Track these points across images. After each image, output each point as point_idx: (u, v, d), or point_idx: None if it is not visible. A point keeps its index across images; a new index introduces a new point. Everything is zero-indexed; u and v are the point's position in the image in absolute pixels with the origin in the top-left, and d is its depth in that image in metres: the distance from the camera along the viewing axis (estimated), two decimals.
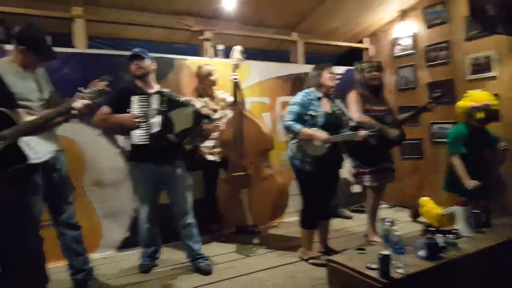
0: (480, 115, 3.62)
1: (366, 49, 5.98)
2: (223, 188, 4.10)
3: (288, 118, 3.31)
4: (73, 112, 2.18)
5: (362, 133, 3.26)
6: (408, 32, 5.37)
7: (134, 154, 3.23)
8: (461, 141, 3.72)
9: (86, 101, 2.24)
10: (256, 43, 5.39)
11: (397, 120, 3.82)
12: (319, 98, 3.37)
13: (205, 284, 3.10)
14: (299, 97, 3.38)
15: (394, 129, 3.71)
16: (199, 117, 3.19)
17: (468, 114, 3.70)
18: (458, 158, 3.71)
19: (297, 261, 3.50)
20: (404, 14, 5.40)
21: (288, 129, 3.34)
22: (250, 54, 4.72)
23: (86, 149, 3.78)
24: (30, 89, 2.70)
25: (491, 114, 3.66)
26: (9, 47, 2.83)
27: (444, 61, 4.93)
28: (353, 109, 3.71)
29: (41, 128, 2.05)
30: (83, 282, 2.96)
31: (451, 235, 2.85)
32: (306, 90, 3.44)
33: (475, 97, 3.70)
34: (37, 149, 2.59)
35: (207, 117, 3.27)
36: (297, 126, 3.26)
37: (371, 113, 3.72)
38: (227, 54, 4.20)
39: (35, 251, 2.73)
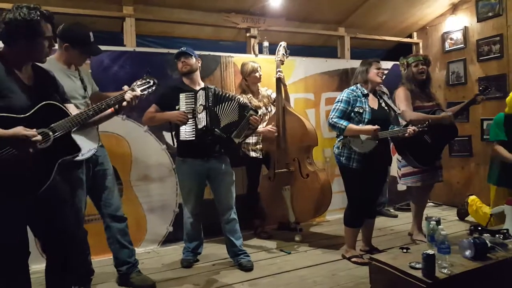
0: None
1: (416, 43, 5.83)
2: (265, 185, 4.15)
3: (333, 115, 3.29)
4: (124, 104, 2.23)
5: (411, 129, 3.20)
6: (459, 26, 5.19)
7: (182, 150, 3.31)
8: (502, 129, 3.61)
9: (136, 93, 2.29)
10: (302, 39, 5.38)
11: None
12: (365, 95, 3.34)
13: (246, 280, 3.11)
14: (344, 94, 3.35)
15: (446, 114, 3.60)
16: (245, 109, 3.23)
17: None
18: (499, 144, 3.61)
19: (339, 260, 3.49)
20: (455, 7, 5.23)
21: (333, 126, 3.30)
22: (297, 50, 4.74)
23: (134, 145, 3.90)
24: (75, 86, 2.77)
25: None
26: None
27: (497, 55, 4.74)
28: (404, 107, 3.63)
29: (92, 118, 2.14)
30: (126, 274, 3.03)
31: (500, 235, 2.75)
32: (352, 87, 3.40)
33: None
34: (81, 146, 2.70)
35: (253, 109, 3.30)
36: (343, 123, 3.22)
37: (422, 110, 3.65)
38: (273, 51, 4.23)
39: (82, 241, 2.88)
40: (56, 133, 1.96)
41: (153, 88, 2.41)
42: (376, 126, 3.13)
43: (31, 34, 1.95)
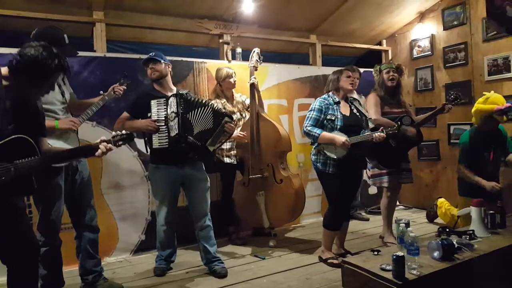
0: (503, 118, 3.65)
1: (385, 51, 5.98)
2: (239, 191, 4.15)
3: (307, 124, 3.38)
4: (97, 154, 2.17)
5: (378, 133, 3.29)
6: (426, 33, 5.36)
7: (155, 157, 3.27)
8: (469, 152, 3.76)
9: (109, 145, 2.20)
10: (275, 46, 5.44)
11: (415, 122, 3.83)
12: (337, 102, 3.43)
13: (221, 287, 3.11)
14: (317, 102, 3.44)
15: (412, 128, 3.73)
16: (219, 116, 3.21)
17: (488, 117, 3.67)
18: (465, 168, 3.75)
19: (313, 263, 3.52)
20: (422, 16, 5.40)
21: (308, 134, 3.40)
22: (269, 56, 4.77)
23: None
24: (52, 93, 2.72)
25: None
26: None
27: (462, 62, 4.92)
28: (372, 111, 3.75)
29: (59, 162, 2.12)
30: (92, 283, 3.01)
31: (466, 236, 2.84)
32: (324, 95, 3.49)
33: (495, 100, 3.66)
34: None
35: (227, 115, 3.29)
36: (317, 131, 3.32)
37: (390, 115, 3.76)
38: (246, 57, 4.25)
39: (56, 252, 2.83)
40: (18, 172, 1.93)
41: (128, 141, 2.32)
42: (345, 139, 3.22)
43: (40, 77, 1.95)
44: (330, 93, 3.49)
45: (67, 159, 2.12)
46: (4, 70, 1.99)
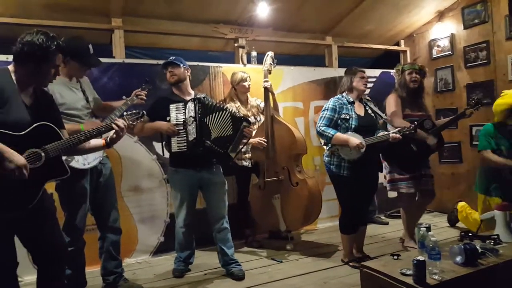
0: None
1: (403, 51, 5.89)
2: (255, 194, 4.13)
3: (321, 124, 3.33)
4: (114, 131, 2.30)
5: (393, 134, 3.22)
6: (445, 33, 5.26)
7: (174, 160, 3.32)
8: (489, 138, 3.64)
9: (126, 122, 2.35)
10: (290, 49, 5.42)
11: (436, 126, 3.72)
12: (351, 102, 3.38)
13: None
14: (330, 102, 3.40)
15: (432, 137, 3.62)
16: (237, 121, 3.21)
17: (507, 111, 3.58)
18: (489, 152, 3.62)
19: (330, 267, 3.48)
20: (441, 15, 5.30)
21: (321, 134, 3.35)
22: (284, 59, 4.76)
23: (124, 156, 3.90)
24: (77, 98, 2.87)
25: None
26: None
27: (484, 61, 4.79)
28: (394, 114, 3.66)
29: (83, 143, 2.20)
30: (113, 284, 3.07)
31: (490, 241, 2.75)
32: (338, 95, 3.46)
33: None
34: (86, 155, 2.74)
35: (245, 119, 3.29)
36: (330, 132, 3.26)
37: (410, 118, 3.66)
38: (261, 60, 4.24)
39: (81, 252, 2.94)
40: (48, 155, 2.03)
41: (141, 118, 2.50)
42: (360, 141, 3.15)
43: (42, 60, 2.03)
44: (344, 94, 3.46)
45: (90, 138, 2.21)
46: (11, 67, 2.08)
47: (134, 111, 2.48)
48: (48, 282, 2.25)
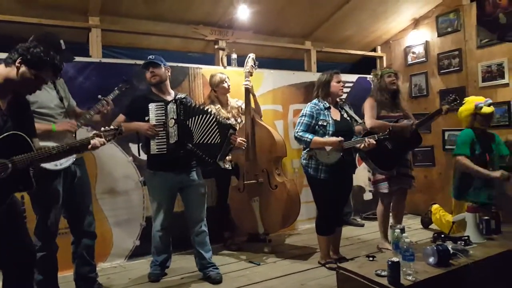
0: (486, 110, 3.64)
1: (380, 57, 6.02)
2: (234, 196, 4.14)
3: (299, 129, 3.37)
4: (89, 147, 2.24)
5: (367, 140, 3.26)
6: (420, 40, 5.40)
7: (152, 163, 3.24)
8: (467, 144, 3.71)
9: (103, 140, 2.29)
10: (270, 52, 5.44)
11: (412, 121, 3.82)
12: (327, 108, 3.43)
13: None
14: (308, 108, 3.44)
15: (407, 123, 3.73)
16: (224, 128, 3.16)
17: (472, 116, 3.71)
18: (465, 158, 3.69)
19: (308, 269, 3.51)
20: (417, 22, 5.43)
21: (299, 140, 3.39)
22: (265, 63, 4.78)
23: (99, 157, 3.80)
24: (50, 97, 2.78)
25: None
26: None
27: (456, 68, 4.95)
28: (367, 116, 3.77)
29: (54, 158, 2.16)
30: None
31: (461, 242, 2.84)
32: (314, 101, 3.49)
33: (474, 99, 3.76)
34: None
35: (232, 127, 3.26)
36: (308, 136, 3.31)
37: (387, 119, 3.78)
38: (241, 63, 4.26)
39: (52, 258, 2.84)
40: (16, 167, 1.96)
41: (119, 135, 2.46)
42: (340, 138, 3.21)
43: (45, 72, 2.07)
44: (320, 99, 3.49)
45: (62, 154, 2.15)
46: None
47: (112, 127, 2.41)
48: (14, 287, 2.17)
